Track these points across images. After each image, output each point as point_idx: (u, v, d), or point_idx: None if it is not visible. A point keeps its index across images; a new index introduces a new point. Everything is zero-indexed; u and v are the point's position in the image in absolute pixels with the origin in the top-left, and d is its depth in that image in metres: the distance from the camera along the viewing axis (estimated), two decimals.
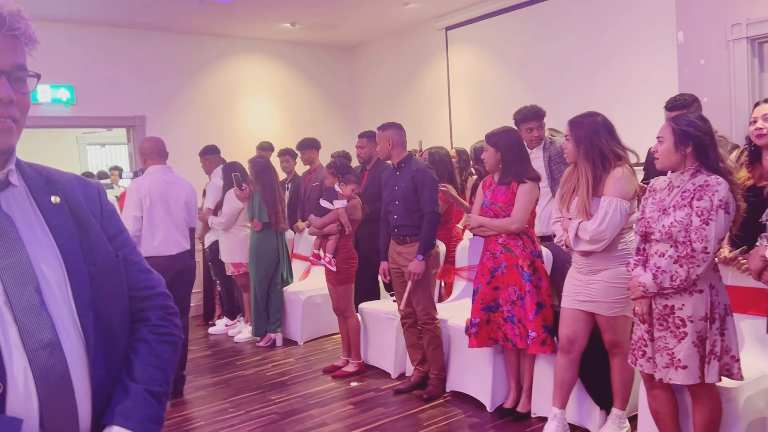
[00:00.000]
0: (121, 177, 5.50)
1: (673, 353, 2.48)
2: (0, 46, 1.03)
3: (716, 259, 2.60)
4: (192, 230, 4.27)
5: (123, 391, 1.12)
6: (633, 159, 3.04)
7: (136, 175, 4.92)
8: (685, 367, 2.45)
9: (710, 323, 2.45)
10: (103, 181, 8.74)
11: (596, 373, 3.22)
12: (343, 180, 4.46)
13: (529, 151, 4.08)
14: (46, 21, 5.95)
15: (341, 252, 4.45)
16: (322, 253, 4.51)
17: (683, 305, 2.47)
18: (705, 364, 2.45)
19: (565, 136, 3.05)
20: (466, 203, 4.65)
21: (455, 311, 4.13)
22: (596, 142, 2.93)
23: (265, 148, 6.46)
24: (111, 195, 7.86)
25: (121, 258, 1.18)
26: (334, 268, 4.44)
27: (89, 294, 1.09)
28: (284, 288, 5.57)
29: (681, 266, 2.42)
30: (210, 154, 6.05)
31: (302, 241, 6.10)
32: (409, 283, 3.97)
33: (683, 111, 3.33)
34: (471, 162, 5.06)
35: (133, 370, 1.15)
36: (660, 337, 2.53)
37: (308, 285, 5.72)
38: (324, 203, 4.50)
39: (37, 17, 5.94)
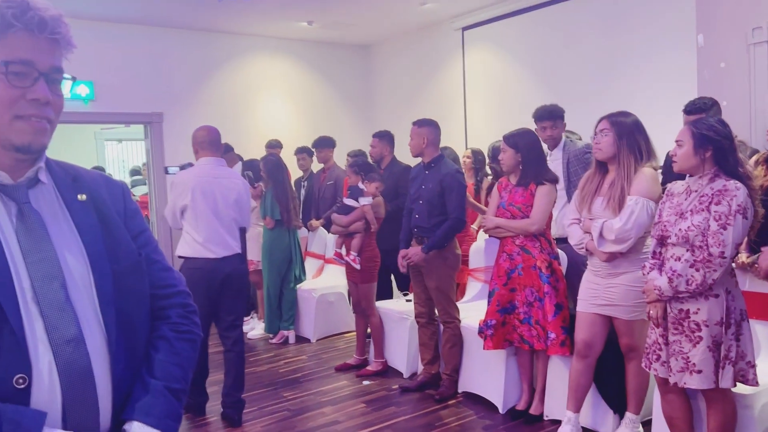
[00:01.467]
0: (167, 172, 5.34)
1: (688, 357, 2.47)
2: (41, 47, 1.06)
3: (733, 264, 2.58)
4: (243, 231, 3.81)
5: (143, 387, 1.13)
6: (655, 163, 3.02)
7: (183, 168, 4.76)
8: (699, 372, 2.44)
9: (726, 328, 2.44)
10: (134, 177, 8.78)
11: (611, 376, 3.20)
12: (368, 178, 4.49)
13: (548, 152, 4.07)
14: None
15: (366, 250, 4.47)
16: (344, 252, 4.53)
17: (698, 309, 2.46)
18: (720, 369, 2.43)
19: (600, 130, 2.98)
20: (481, 205, 4.65)
21: (467, 312, 4.13)
22: (638, 136, 2.93)
23: (274, 145, 6.49)
24: (142, 190, 7.89)
25: (143, 257, 1.20)
26: (358, 266, 4.45)
27: (112, 291, 1.11)
28: (297, 286, 5.60)
29: (697, 270, 2.41)
30: (226, 153, 6.10)
31: (316, 239, 6.12)
32: (400, 258, 4.05)
33: (702, 114, 3.30)
34: (488, 161, 5.05)
35: (153, 367, 1.17)
36: (675, 341, 2.52)
37: (321, 283, 5.75)
38: (349, 201, 4.49)
39: None
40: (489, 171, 5.08)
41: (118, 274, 1.12)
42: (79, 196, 1.14)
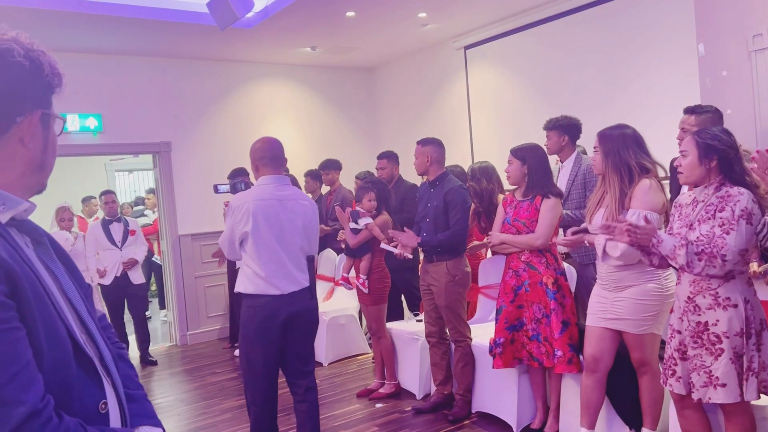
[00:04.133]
0: (217, 190, 4.56)
1: (710, 371, 2.41)
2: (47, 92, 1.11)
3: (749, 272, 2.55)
4: (311, 260, 3.26)
5: (129, 397, 1.23)
6: (661, 173, 3.01)
7: (235, 188, 4.14)
8: (724, 385, 2.38)
9: (746, 338, 2.38)
10: (137, 208, 8.85)
11: (624, 391, 3.15)
12: (356, 199, 4.51)
13: (560, 164, 4.08)
14: (74, 52, 6.13)
15: (375, 272, 4.46)
16: (353, 274, 4.51)
17: (717, 321, 2.41)
18: (743, 381, 2.38)
19: (594, 147, 3.03)
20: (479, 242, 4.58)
21: (477, 330, 4.10)
22: (624, 154, 2.90)
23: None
24: (143, 221, 7.97)
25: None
26: (366, 290, 4.43)
27: (94, 313, 1.18)
28: None
29: (700, 260, 2.38)
30: (240, 176, 6.14)
31: (325, 261, 6.12)
32: (390, 232, 4.06)
33: (699, 115, 3.33)
34: (467, 178, 4.94)
35: (127, 382, 1.27)
36: (695, 355, 2.46)
37: (332, 306, 5.73)
38: (353, 225, 4.47)
39: (66, 49, 6.13)
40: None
41: (89, 299, 1.19)
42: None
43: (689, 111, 3.44)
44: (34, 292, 0.94)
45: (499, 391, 3.83)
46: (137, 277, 6.04)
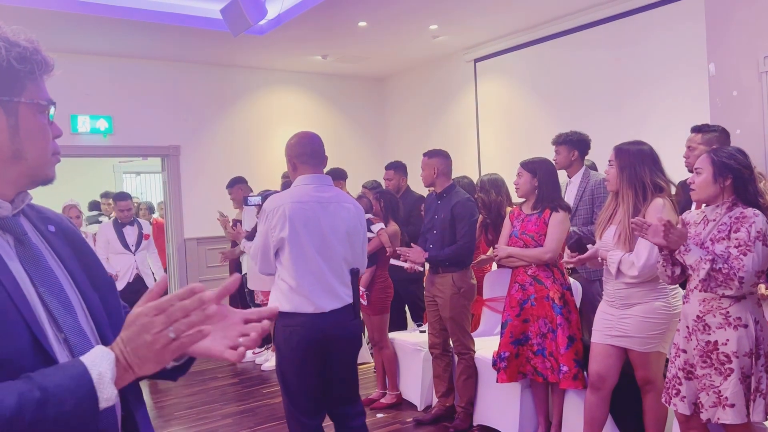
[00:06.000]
0: (247, 203, 4.22)
1: (719, 391, 2.39)
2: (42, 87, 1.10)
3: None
4: (355, 274, 2.81)
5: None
6: (672, 190, 3.00)
7: (264, 199, 3.48)
8: (732, 406, 2.36)
9: (755, 359, 2.38)
10: (90, 214, 7.80)
11: (628, 409, 3.14)
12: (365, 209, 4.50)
13: (567, 179, 4.08)
14: (87, 54, 6.18)
15: (377, 282, 4.45)
16: None
17: (728, 340, 2.39)
18: (750, 401, 2.37)
19: (609, 160, 3.00)
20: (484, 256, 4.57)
21: (481, 343, 4.09)
22: (639, 171, 2.88)
23: (286, 176, 6.54)
24: (93, 230, 7.38)
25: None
26: (365, 302, 4.43)
27: (104, 315, 1.13)
28: None
29: (716, 278, 2.37)
30: (242, 183, 6.16)
31: None
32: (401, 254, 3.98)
33: (705, 133, 3.33)
34: (476, 190, 4.94)
35: None
36: (704, 374, 2.45)
37: None
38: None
39: (79, 51, 6.17)
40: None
41: (103, 299, 1.15)
42: (49, 227, 1.16)
43: (696, 129, 3.45)
44: None
45: (501, 405, 3.82)
46: (152, 283, 5.76)
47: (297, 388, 2.76)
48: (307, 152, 2.83)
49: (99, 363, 0.93)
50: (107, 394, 0.92)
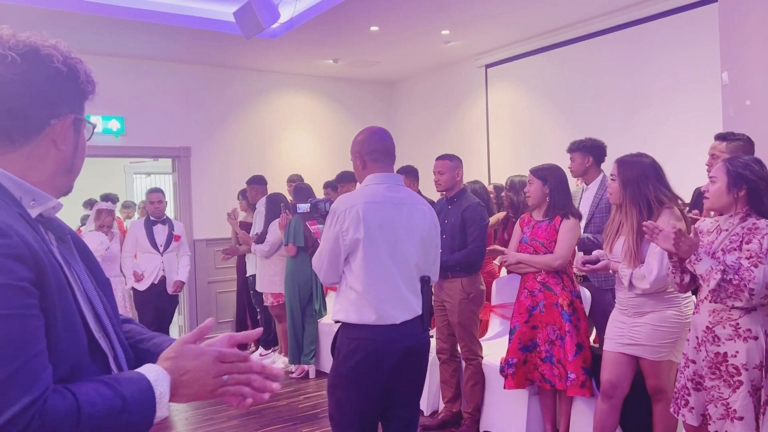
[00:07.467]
0: (296, 210, 3.43)
1: (728, 404, 2.37)
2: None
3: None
4: (426, 283, 2.58)
5: (147, 340, 1.26)
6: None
7: (316, 208, 3.23)
8: (741, 419, 2.34)
9: (765, 372, 2.36)
10: (85, 213, 8.17)
11: (638, 418, 3.12)
12: None
13: (584, 186, 4.04)
14: (100, 55, 6.23)
15: None
16: None
17: (737, 352, 2.37)
18: (760, 415, 2.34)
19: (611, 174, 2.98)
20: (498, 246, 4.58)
21: (489, 349, 4.08)
22: (643, 187, 2.84)
23: (294, 180, 6.56)
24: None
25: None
26: None
27: (112, 314, 1.17)
28: (318, 320, 5.59)
29: (727, 289, 2.35)
30: (258, 184, 6.18)
31: None
32: None
33: (730, 142, 3.27)
34: (505, 191, 4.95)
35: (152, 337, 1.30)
36: (713, 386, 2.43)
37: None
38: None
39: (92, 52, 6.22)
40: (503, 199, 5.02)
41: (109, 298, 1.19)
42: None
43: (720, 137, 3.37)
44: (58, 283, 0.96)
45: (508, 412, 3.80)
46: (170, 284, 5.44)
47: (352, 412, 2.47)
48: (379, 149, 2.60)
49: (160, 383, 1.01)
50: (161, 413, 1.00)
